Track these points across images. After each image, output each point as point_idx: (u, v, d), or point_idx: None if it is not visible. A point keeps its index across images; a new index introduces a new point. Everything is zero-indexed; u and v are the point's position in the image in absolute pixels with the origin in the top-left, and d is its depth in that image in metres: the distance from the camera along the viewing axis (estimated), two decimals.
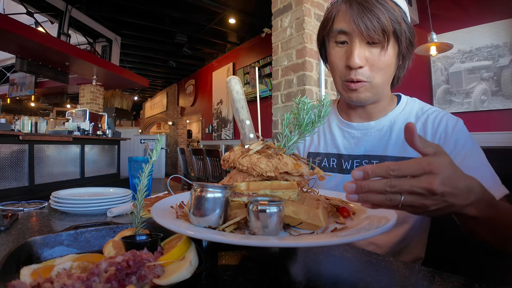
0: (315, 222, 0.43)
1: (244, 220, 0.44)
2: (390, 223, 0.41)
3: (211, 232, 0.40)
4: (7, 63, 6.95)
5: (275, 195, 0.46)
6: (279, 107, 2.62)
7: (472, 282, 0.39)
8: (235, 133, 6.64)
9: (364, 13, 0.62)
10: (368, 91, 0.69)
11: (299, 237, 0.41)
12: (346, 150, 0.80)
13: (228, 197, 0.44)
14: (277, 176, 0.48)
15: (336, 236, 0.39)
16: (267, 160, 0.48)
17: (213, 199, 0.42)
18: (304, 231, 0.44)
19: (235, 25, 5.63)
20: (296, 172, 0.48)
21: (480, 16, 2.86)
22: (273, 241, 0.38)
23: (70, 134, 4.24)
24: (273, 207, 0.39)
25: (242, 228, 0.44)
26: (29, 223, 0.73)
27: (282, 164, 0.47)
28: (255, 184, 0.47)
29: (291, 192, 0.46)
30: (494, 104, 2.78)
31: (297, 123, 0.53)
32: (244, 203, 0.46)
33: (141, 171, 0.47)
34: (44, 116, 10.14)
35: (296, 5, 2.46)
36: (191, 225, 0.42)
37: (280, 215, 0.40)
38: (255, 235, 0.40)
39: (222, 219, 0.43)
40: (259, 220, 0.39)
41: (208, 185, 0.42)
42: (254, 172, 0.48)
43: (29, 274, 0.36)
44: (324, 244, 0.39)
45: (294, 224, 0.45)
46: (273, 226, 0.39)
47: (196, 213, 0.42)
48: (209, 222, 0.42)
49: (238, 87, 0.55)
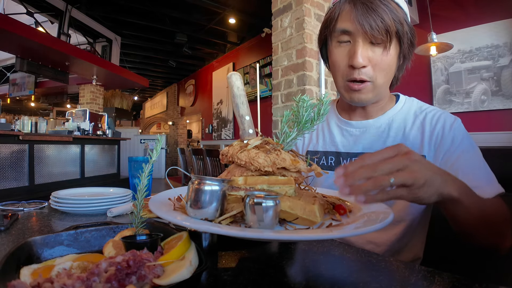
0: (311, 217, 0.44)
1: (240, 213, 0.44)
2: (386, 220, 0.40)
3: (207, 224, 0.40)
4: (7, 63, 6.95)
5: (272, 190, 0.46)
6: (279, 107, 2.62)
7: (472, 282, 0.39)
8: (235, 133, 6.64)
9: (369, 13, 0.62)
10: (370, 92, 0.70)
11: (294, 231, 0.42)
12: (345, 148, 0.80)
13: (226, 191, 0.44)
14: (274, 171, 0.48)
15: (331, 231, 0.39)
16: (265, 155, 0.48)
17: (210, 192, 0.42)
18: (300, 226, 0.44)
19: (235, 25, 5.63)
20: (294, 168, 0.48)
21: (480, 16, 2.86)
22: (268, 234, 0.38)
23: (70, 134, 4.24)
24: (269, 201, 0.39)
25: (238, 221, 0.45)
26: (29, 223, 0.73)
27: (280, 160, 0.48)
28: (253, 179, 0.47)
29: (288, 187, 0.47)
30: (494, 104, 2.78)
31: (296, 120, 0.53)
32: (241, 197, 0.46)
33: (141, 171, 0.47)
34: (44, 116, 10.14)
35: (296, 5, 2.46)
36: (187, 217, 0.42)
37: (276, 209, 0.40)
38: (251, 228, 0.40)
39: (219, 212, 0.43)
40: (255, 213, 0.39)
41: (206, 178, 0.42)
42: (252, 167, 0.48)
43: (29, 274, 0.36)
44: (318, 238, 0.40)
45: (290, 219, 0.45)
46: (268, 220, 0.39)
47: (193, 205, 0.42)
48: (206, 214, 0.42)
49: (239, 83, 0.56)
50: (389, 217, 0.42)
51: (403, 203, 0.69)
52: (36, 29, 4.37)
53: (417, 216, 0.70)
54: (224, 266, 0.47)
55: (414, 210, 0.70)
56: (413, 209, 0.70)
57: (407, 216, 0.70)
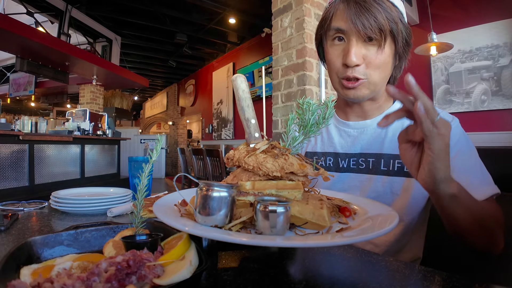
0: (320, 222, 0.44)
1: (250, 219, 0.44)
2: (394, 223, 0.41)
3: (219, 232, 0.40)
4: (7, 63, 6.95)
5: (281, 194, 0.46)
6: (279, 107, 2.62)
7: (472, 282, 0.39)
8: (235, 133, 6.64)
9: (362, 12, 0.63)
10: (366, 88, 0.70)
11: (306, 238, 0.42)
12: (343, 148, 0.80)
13: (234, 196, 0.44)
14: (282, 176, 0.48)
15: (343, 237, 0.40)
16: (273, 160, 0.48)
17: (219, 198, 0.42)
18: (309, 230, 0.45)
19: (235, 25, 5.63)
20: (302, 172, 0.48)
21: (480, 16, 2.86)
22: (280, 241, 0.38)
23: (70, 134, 4.24)
24: (282, 208, 0.39)
25: (248, 227, 0.44)
26: (29, 223, 0.73)
27: (288, 164, 0.48)
28: (261, 184, 0.47)
29: (296, 192, 0.47)
30: (494, 104, 2.78)
31: (302, 123, 0.53)
32: (249, 202, 0.46)
33: (141, 171, 0.47)
34: (44, 116, 10.14)
35: (296, 5, 2.46)
36: (197, 224, 0.42)
37: (287, 215, 0.40)
38: (262, 234, 0.40)
39: (228, 218, 0.43)
40: (267, 220, 0.39)
41: (214, 184, 0.42)
42: (260, 172, 0.48)
43: (29, 274, 0.36)
44: (332, 244, 0.39)
45: (299, 224, 0.45)
46: (280, 226, 0.39)
47: (202, 212, 0.42)
48: (215, 221, 0.42)
49: (244, 86, 0.55)
50: (396, 219, 0.43)
51: (402, 204, 0.69)
52: (36, 29, 4.37)
53: (415, 216, 0.70)
54: (224, 266, 0.47)
55: (413, 210, 0.70)
56: (411, 210, 0.70)
57: (406, 216, 0.70)
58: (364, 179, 0.75)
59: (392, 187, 0.71)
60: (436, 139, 0.45)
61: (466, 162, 0.65)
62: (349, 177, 0.77)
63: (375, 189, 0.73)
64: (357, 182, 0.76)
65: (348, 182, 0.77)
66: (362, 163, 0.76)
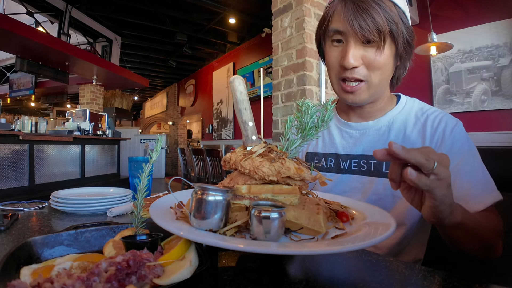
0: (316, 227, 0.43)
1: (245, 223, 0.43)
2: (390, 230, 0.40)
3: (213, 237, 0.39)
4: (7, 63, 6.95)
5: (277, 199, 0.46)
6: (279, 107, 2.62)
7: (472, 282, 0.39)
8: (235, 133, 6.64)
9: (359, 13, 0.61)
10: (365, 92, 0.69)
11: (301, 245, 0.41)
12: (344, 150, 0.79)
13: (230, 200, 0.43)
14: (279, 180, 0.47)
15: (338, 244, 0.39)
16: (270, 164, 0.47)
17: (214, 202, 0.41)
18: (304, 236, 0.44)
19: (235, 25, 5.62)
20: (298, 176, 0.48)
21: (480, 16, 2.86)
22: (274, 249, 0.37)
23: (70, 134, 4.24)
24: (276, 213, 0.39)
25: (243, 231, 0.44)
26: (29, 223, 0.73)
27: (285, 169, 0.47)
28: (257, 188, 0.47)
29: (292, 197, 0.46)
30: (494, 104, 2.78)
31: (300, 126, 0.52)
32: (245, 206, 0.46)
33: (141, 171, 0.47)
34: (44, 116, 10.15)
35: (296, 5, 2.46)
36: (192, 228, 0.42)
37: (282, 220, 0.40)
38: (256, 239, 0.40)
39: (223, 222, 0.42)
40: (261, 225, 0.39)
41: (209, 188, 0.41)
42: (256, 176, 0.48)
43: (29, 274, 0.36)
44: (326, 252, 0.39)
45: (295, 229, 0.45)
46: (275, 232, 0.39)
47: (197, 215, 0.41)
48: (210, 225, 0.41)
49: (242, 87, 0.55)
50: (393, 225, 0.42)
51: (403, 207, 0.69)
52: (36, 29, 4.37)
53: (417, 219, 0.70)
54: (224, 266, 0.47)
55: (414, 214, 0.69)
56: (413, 213, 0.69)
57: (407, 220, 0.69)
58: (365, 181, 0.74)
59: (394, 190, 0.70)
60: (437, 188, 0.42)
61: (469, 168, 0.64)
62: (350, 179, 0.76)
63: (376, 192, 0.72)
64: (358, 184, 0.75)
65: (349, 184, 0.76)
66: (363, 165, 0.75)
